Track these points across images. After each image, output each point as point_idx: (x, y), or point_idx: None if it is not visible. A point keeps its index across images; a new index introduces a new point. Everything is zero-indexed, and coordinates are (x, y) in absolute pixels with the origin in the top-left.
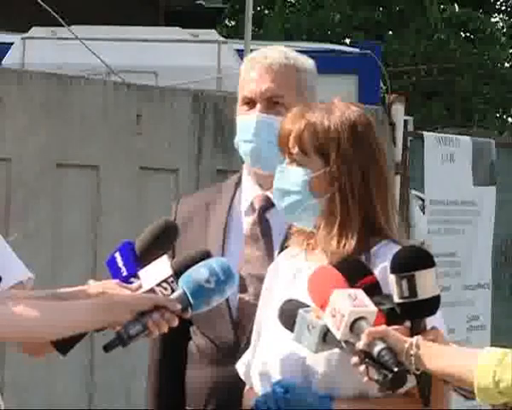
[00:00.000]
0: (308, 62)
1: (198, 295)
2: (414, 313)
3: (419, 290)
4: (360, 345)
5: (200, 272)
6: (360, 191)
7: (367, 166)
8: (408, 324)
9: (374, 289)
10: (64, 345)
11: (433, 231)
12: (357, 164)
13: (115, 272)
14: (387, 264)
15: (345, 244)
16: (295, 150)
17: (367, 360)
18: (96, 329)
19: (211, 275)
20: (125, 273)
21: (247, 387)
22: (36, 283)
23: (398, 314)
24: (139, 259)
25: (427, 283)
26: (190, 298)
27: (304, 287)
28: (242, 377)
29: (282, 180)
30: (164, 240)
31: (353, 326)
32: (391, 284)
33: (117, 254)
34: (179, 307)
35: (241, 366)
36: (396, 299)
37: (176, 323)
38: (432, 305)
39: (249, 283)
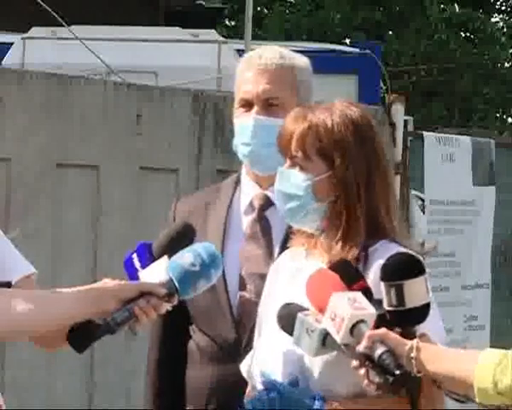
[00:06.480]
0: (303, 61)
1: (184, 280)
2: (402, 320)
3: (407, 299)
4: (361, 348)
5: (184, 256)
6: (365, 193)
7: (370, 166)
8: (398, 329)
9: (365, 295)
10: (80, 343)
11: (433, 231)
12: (361, 166)
13: (132, 273)
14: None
15: (349, 249)
16: (298, 154)
17: (367, 363)
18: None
19: (195, 258)
20: None
21: (248, 387)
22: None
23: (388, 320)
24: (155, 260)
25: (416, 292)
26: (176, 283)
27: (303, 287)
28: (246, 378)
29: (284, 183)
30: (180, 242)
31: (353, 329)
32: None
33: (134, 255)
34: (165, 291)
35: (244, 367)
36: (385, 306)
37: (163, 309)
38: (420, 313)
39: (250, 281)
